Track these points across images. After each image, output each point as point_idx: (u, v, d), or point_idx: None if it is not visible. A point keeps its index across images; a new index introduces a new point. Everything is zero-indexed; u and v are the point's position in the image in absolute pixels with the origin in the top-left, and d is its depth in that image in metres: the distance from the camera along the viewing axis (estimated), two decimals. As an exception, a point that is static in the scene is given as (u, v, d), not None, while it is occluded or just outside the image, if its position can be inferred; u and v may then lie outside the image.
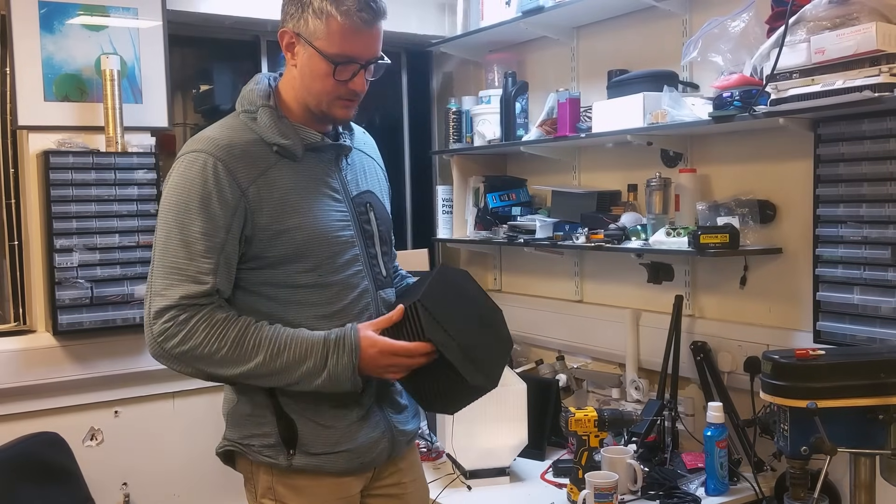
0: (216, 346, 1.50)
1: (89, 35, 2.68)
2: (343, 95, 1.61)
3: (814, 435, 1.55)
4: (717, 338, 2.44)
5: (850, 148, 2.01)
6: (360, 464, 1.65)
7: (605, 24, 2.83)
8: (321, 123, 1.67)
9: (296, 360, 1.52)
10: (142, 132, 2.74)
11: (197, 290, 1.51)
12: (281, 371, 1.53)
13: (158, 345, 1.52)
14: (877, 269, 1.96)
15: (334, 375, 1.53)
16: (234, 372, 1.53)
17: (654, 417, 2.35)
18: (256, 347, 1.52)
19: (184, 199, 1.53)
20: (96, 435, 2.71)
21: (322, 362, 1.53)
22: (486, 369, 1.61)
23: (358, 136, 1.80)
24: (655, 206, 2.50)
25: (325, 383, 1.54)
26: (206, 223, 1.52)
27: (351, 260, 1.64)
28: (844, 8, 1.87)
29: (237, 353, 1.51)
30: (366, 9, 1.55)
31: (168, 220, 1.54)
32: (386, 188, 1.87)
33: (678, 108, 2.29)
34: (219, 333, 1.51)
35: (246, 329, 1.52)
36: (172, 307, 1.50)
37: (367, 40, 1.59)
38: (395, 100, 3.66)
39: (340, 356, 1.53)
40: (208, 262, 1.52)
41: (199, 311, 1.51)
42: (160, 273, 1.53)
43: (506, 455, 2.39)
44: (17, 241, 2.72)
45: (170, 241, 1.53)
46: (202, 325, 1.50)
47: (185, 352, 1.51)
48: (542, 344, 3.12)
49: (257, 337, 1.52)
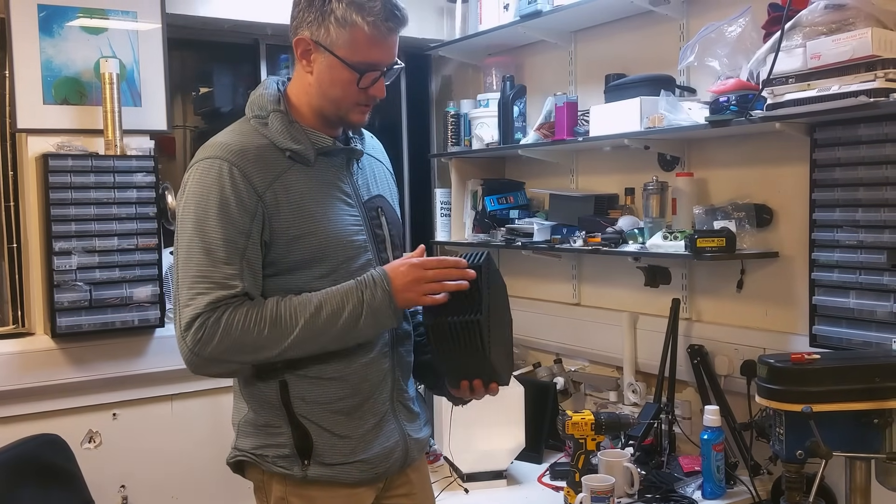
0: (256, 330, 1.48)
1: (88, 38, 2.68)
2: (362, 101, 1.61)
3: (809, 439, 1.55)
4: (713, 341, 2.44)
5: (847, 152, 2.02)
6: (374, 474, 1.63)
7: (602, 29, 2.84)
8: (333, 128, 1.66)
9: (335, 311, 1.51)
10: (141, 135, 2.75)
11: (225, 295, 1.49)
12: (325, 327, 1.51)
13: (195, 355, 1.49)
14: (872, 273, 1.96)
15: (374, 309, 1.52)
16: (282, 346, 1.50)
17: (651, 421, 2.35)
18: (294, 316, 1.50)
19: (202, 207, 1.51)
20: (94, 437, 2.72)
21: (360, 303, 1.51)
22: (505, 351, 1.64)
23: (367, 141, 1.80)
24: (652, 210, 2.51)
25: (367, 322, 1.52)
26: (226, 229, 1.50)
27: (365, 265, 1.63)
28: (840, 13, 1.88)
29: (279, 328, 1.49)
30: (392, 18, 1.55)
31: (188, 230, 1.52)
32: (395, 192, 1.86)
33: (675, 112, 2.29)
34: (254, 318, 1.49)
35: (277, 305, 1.51)
36: (201, 314, 1.48)
37: (389, 47, 1.60)
38: (393, 103, 3.67)
39: (374, 290, 1.52)
40: (232, 268, 1.50)
41: (227, 309, 1.49)
42: (185, 284, 1.50)
43: (503, 458, 2.40)
44: (15, 244, 2.72)
45: (192, 251, 1.51)
46: (235, 318, 1.48)
47: (225, 349, 1.48)
48: (539, 347, 3.12)
49: (291, 307, 1.51)
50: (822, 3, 1.90)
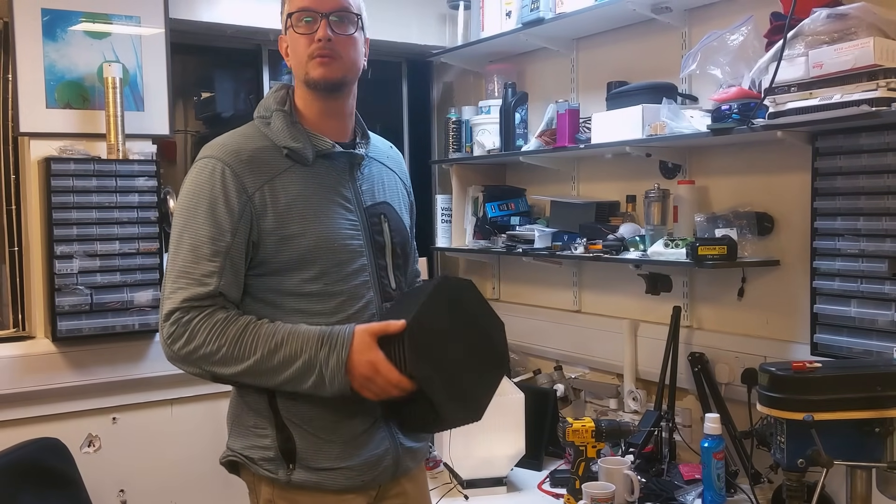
0: (217, 345, 1.51)
1: (92, 42, 2.69)
2: (313, 53, 1.61)
3: (810, 447, 1.55)
4: (714, 349, 2.44)
5: (848, 161, 2.02)
6: (361, 481, 1.62)
7: (604, 36, 2.85)
8: (321, 94, 1.64)
9: (291, 356, 1.50)
10: (143, 139, 2.75)
11: (199, 292, 1.52)
12: (278, 368, 1.51)
13: (168, 347, 1.54)
14: (874, 282, 1.97)
15: (325, 374, 1.49)
16: (235, 370, 1.52)
17: (652, 428, 2.35)
18: (254, 345, 1.51)
19: (193, 204, 1.56)
20: (94, 441, 2.71)
21: (314, 358, 1.49)
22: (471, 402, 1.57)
23: (382, 150, 1.81)
24: (654, 218, 2.51)
25: (317, 381, 1.50)
26: (212, 227, 1.54)
27: (358, 270, 1.63)
28: (842, 23, 1.88)
29: (236, 350, 1.51)
30: None
31: (179, 225, 1.58)
32: (407, 203, 1.85)
33: (677, 120, 2.30)
34: (219, 332, 1.51)
35: (245, 327, 1.52)
36: (177, 309, 1.52)
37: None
38: (395, 109, 3.68)
39: (330, 353, 1.49)
40: (213, 265, 1.53)
41: (200, 312, 1.52)
42: (170, 277, 1.56)
43: (503, 465, 2.39)
44: (17, 247, 2.72)
45: (180, 246, 1.56)
46: (203, 325, 1.51)
47: (189, 352, 1.52)
48: (540, 354, 3.12)
49: (256, 334, 1.52)
50: (824, 12, 1.91)
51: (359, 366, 1.50)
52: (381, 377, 1.49)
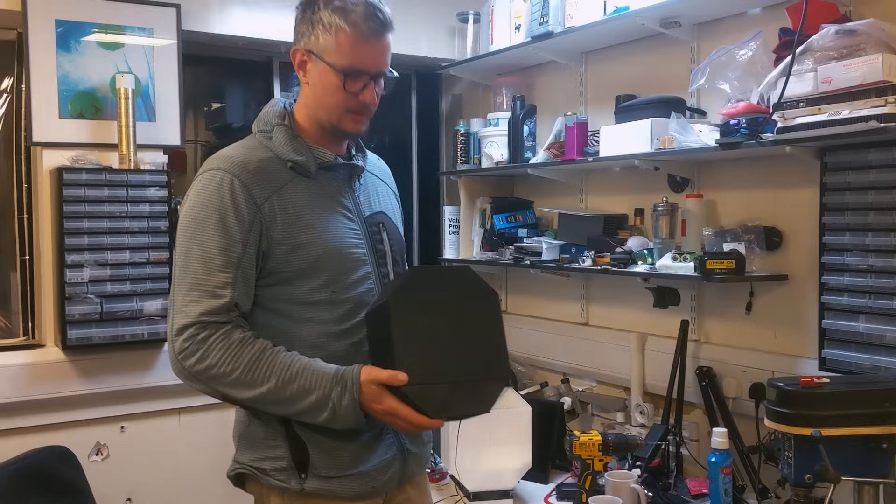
0: (230, 367, 1.50)
1: (105, 54, 2.72)
2: (353, 108, 1.64)
3: (818, 463, 1.55)
4: (722, 363, 2.44)
5: (857, 177, 2.03)
6: (371, 487, 1.64)
7: (613, 50, 2.86)
8: (334, 141, 1.70)
9: (305, 389, 1.52)
10: (154, 150, 2.78)
11: (215, 305, 1.52)
12: (290, 399, 1.52)
13: (179, 362, 1.53)
14: (882, 298, 1.96)
15: (339, 411, 1.51)
16: (246, 395, 1.52)
17: (659, 442, 2.35)
18: (269, 373, 1.51)
19: (202, 216, 1.56)
20: (102, 450, 2.72)
21: (328, 395, 1.51)
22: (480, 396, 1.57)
23: (372, 161, 1.83)
24: (662, 231, 2.51)
25: (329, 418, 1.52)
26: (223, 238, 1.54)
27: (363, 277, 1.66)
28: (851, 39, 1.89)
29: (250, 376, 1.51)
30: (373, 18, 1.59)
31: (187, 237, 1.56)
32: (399, 213, 1.88)
33: (685, 134, 2.30)
34: (234, 354, 1.51)
35: (262, 353, 1.52)
36: (192, 324, 1.51)
37: (375, 52, 1.62)
38: (404, 121, 3.70)
39: (343, 393, 1.51)
40: (226, 276, 1.53)
41: (217, 330, 1.51)
42: (181, 290, 1.54)
43: (509, 477, 2.39)
44: (28, 256, 2.74)
45: (189, 258, 1.55)
46: (218, 345, 1.51)
47: (201, 370, 1.51)
48: (547, 366, 3.12)
49: (271, 362, 1.52)
50: (833, 28, 1.92)
51: (378, 414, 1.53)
52: (403, 421, 1.51)
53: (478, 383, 1.56)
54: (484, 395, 1.56)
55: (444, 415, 1.53)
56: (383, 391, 1.50)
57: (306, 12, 1.63)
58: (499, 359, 1.61)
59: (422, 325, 1.53)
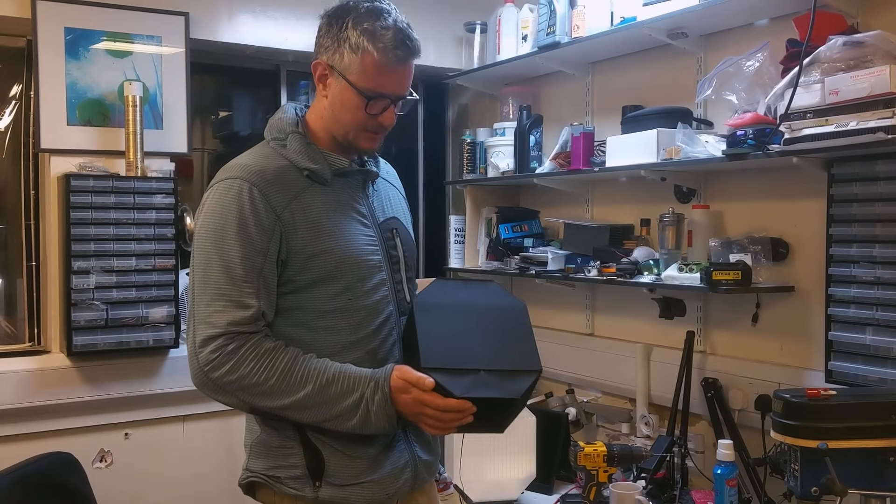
0: (265, 376, 1.49)
1: (113, 61, 2.73)
2: (370, 128, 1.64)
3: (824, 476, 1.54)
4: (728, 375, 2.43)
5: (864, 188, 2.02)
6: (385, 495, 1.63)
7: (620, 61, 2.87)
8: (346, 153, 1.70)
9: (344, 391, 1.52)
10: (161, 157, 2.79)
11: (243, 316, 1.51)
12: (326, 403, 1.51)
13: (205, 374, 1.50)
14: (889, 310, 1.95)
15: (372, 409, 1.51)
16: (281, 403, 1.51)
17: (664, 454, 2.34)
18: (304, 379, 1.51)
19: (221, 225, 1.54)
20: (106, 457, 2.72)
21: (364, 395, 1.52)
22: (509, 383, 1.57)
23: (382, 166, 1.83)
24: (668, 242, 2.51)
25: (363, 417, 1.52)
26: (244, 248, 1.53)
27: (378, 284, 1.65)
28: (859, 50, 1.89)
29: (286, 383, 1.50)
30: (401, 46, 1.59)
31: (206, 247, 1.55)
32: (409, 216, 1.89)
33: (692, 144, 2.30)
34: (268, 363, 1.50)
35: (295, 360, 1.52)
36: (220, 335, 1.49)
37: (399, 77, 1.62)
38: (410, 130, 3.71)
39: (376, 389, 1.52)
40: (250, 286, 1.52)
41: (247, 340, 1.50)
42: (203, 300, 1.52)
43: (514, 488, 2.38)
44: (34, 262, 2.75)
45: (210, 268, 1.53)
46: (251, 355, 1.50)
47: (232, 381, 1.50)
48: (552, 377, 3.11)
49: (306, 368, 1.52)
50: (840, 39, 1.92)
51: (405, 405, 1.52)
52: (431, 408, 1.50)
53: (507, 373, 1.56)
54: (513, 383, 1.56)
55: (472, 394, 1.51)
56: (409, 385, 1.51)
57: (332, 28, 1.61)
58: (529, 351, 1.62)
59: (448, 318, 1.56)
